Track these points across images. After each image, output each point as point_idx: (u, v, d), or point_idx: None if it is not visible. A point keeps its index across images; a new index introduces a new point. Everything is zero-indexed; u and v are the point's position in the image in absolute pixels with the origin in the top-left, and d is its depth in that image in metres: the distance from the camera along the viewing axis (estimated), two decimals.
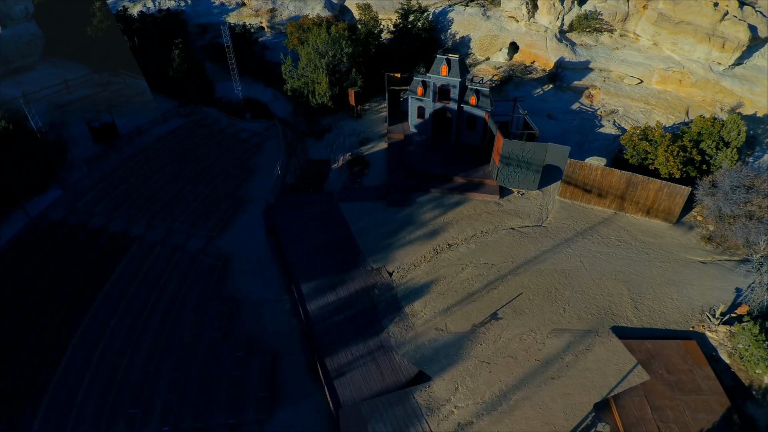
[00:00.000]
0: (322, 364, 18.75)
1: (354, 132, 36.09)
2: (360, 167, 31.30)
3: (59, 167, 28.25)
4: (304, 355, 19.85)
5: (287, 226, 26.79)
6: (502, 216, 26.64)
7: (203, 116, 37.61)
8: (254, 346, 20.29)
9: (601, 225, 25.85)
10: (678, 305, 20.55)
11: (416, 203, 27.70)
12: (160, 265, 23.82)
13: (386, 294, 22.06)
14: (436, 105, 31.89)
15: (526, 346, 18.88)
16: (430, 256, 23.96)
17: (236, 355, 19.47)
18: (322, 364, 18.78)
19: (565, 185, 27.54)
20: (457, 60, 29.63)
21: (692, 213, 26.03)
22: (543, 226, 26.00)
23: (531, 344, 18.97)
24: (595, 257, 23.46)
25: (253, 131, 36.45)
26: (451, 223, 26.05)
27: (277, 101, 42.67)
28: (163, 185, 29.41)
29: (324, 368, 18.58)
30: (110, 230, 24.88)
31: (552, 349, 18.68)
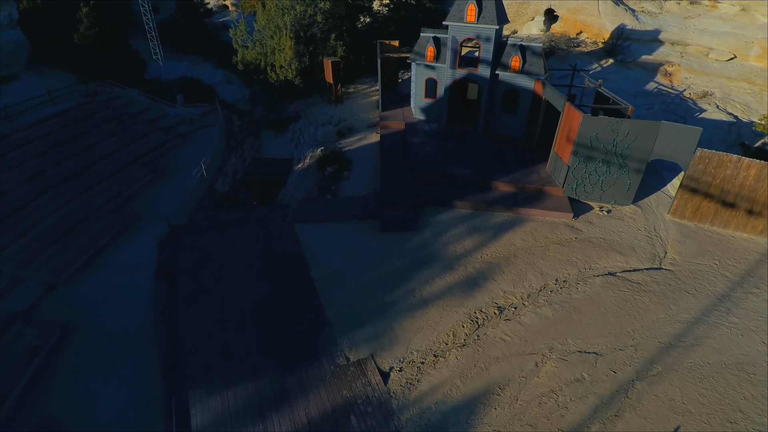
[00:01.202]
0: None
1: (331, 120, 24.54)
2: (337, 167, 19.53)
3: None
4: None
5: (196, 266, 14.63)
6: (586, 250, 14.80)
7: (112, 97, 25.82)
8: None
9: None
10: None
11: (431, 226, 15.81)
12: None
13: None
14: (457, 73, 20.54)
15: None
16: (464, 335, 11.87)
17: None
18: None
19: (685, 196, 15.96)
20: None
21: None
22: (665, 270, 14.17)
23: None
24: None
25: (181, 118, 24.68)
26: (497, 265, 14.12)
27: (230, 84, 31.17)
28: (6, 192, 17.25)
29: None
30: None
31: None
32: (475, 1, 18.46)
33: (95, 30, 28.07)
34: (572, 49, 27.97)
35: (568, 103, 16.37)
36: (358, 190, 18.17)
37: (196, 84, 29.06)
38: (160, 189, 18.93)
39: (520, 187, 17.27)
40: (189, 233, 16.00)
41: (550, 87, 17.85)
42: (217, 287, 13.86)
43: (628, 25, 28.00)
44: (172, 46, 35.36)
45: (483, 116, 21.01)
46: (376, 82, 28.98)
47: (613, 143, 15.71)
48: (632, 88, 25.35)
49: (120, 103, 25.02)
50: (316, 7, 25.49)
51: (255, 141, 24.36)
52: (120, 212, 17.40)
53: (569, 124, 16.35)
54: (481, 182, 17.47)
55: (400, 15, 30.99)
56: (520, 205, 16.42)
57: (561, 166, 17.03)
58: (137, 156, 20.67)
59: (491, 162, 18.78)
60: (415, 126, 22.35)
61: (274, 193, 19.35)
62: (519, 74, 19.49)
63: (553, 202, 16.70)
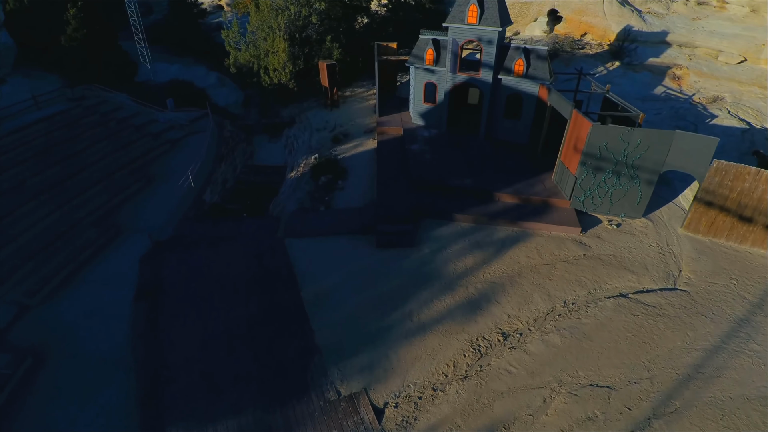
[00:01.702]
0: None
1: (326, 125, 23.61)
2: (331, 176, 18.61)
3: None
4: None
5: (179, 285, 13.72)
6: (595, 268, 13.89)
7: (101, 101, 24.90)
8: None
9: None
10: None
11: (429, 241, 14.89)
12: None
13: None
14: (457, 77, 19.62)
15: None
16: (465, 366, 10.96)
17: None
18: None
19: (700, 209, 15.05)
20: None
21: None
22: (680, 290, 13.26)
23: None
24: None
25: (171, 123, 23.74)
26: (501, 285, 13.20)
27: (223, 87, 30.26)
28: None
29: None
30: None
31: None
32: (476, 2, 17.54)
33: (83, 31, 27.14)
34: (576, 51, 27.05)
35: (576, 111, 15.45)
36: (354, 200, 17.25)
37: (188, 87, 28.14)
38: (146, 199, 18.00)
39: (524, 199, 16.35)
40: (173, 248, 15.08)
41: (556, 93, 16.92)
42: (200, 309, 12.95)
43: (635, 27, 27.08)
44: (165, 47, 34.49)
45: (484, 122, 20.09)
46: (373, 85, 28.06)
47: (624, 153, 14.79)
48: (639, 92, 24.42)
49: (108, 108, 24.09)
50: (311, 7, 24.55)
51: (247, 147, 23.43)
52: (102, 225, 16.48)
53: (577, 132, 15.43)
54: (483, 193, 16.55)
55: (399, 16, 30.08)
56: (524, 219, 15.50)
57: (568, 177, 16.11)
58: (124, 163, 19.75)
59: (493, 171, 17.85)
60: (413, 132, 21.43)
61: (266, 204, 18.43)
62: (523, 79, 18.57)
63: (560, 215, 15.78)
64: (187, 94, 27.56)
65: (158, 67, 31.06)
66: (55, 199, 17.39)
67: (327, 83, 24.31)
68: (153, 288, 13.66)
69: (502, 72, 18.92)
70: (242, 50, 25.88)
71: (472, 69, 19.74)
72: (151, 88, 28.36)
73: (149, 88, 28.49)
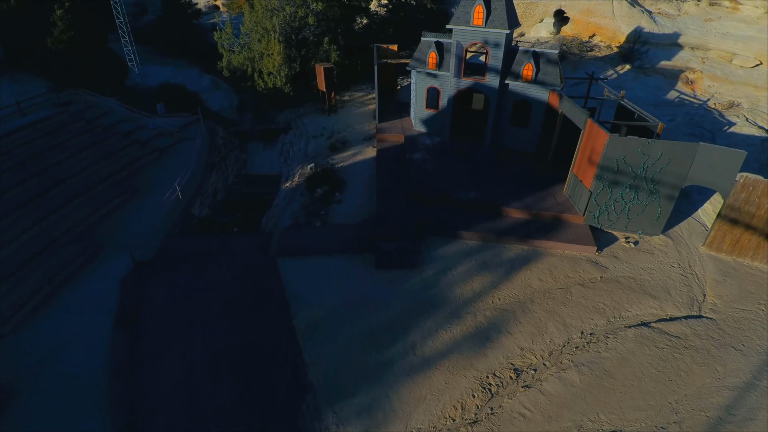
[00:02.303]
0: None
1: (323, 132, 22.52)
2: (328, 187, 17.53)
3: None
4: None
5: (161, 311, 12.65)
6: (614, 293, 12.82)
7: (88, 106, 23.82)
8: None
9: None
10: None
11: (433, 261, 13.82)
12: None
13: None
14: (461, 83, 18.54)
15: None
16: (475, 408, 9.89)
17: None
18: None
19: (724, 227, 13.98)
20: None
21: None
22: (705, 318, 12.20)
23: None
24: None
25: (160, 130, 22.63)
26: (512, 312, 12.13)
27: (217, 91, 29.16)
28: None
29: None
30: None
31: None
32: (482, 2, 16.45)
33: (70, 33, 26.02)
34: (585, 54, 25.97)
35: (591, 121, 14.37)
36: (351, 215, 16.17)
37: (180, 91, 27.03)
38: (131, 213, 16.90)
39: (534, 214, 15.28)
40: (156, 269, 14.00)
41: (568, 100, 15.84)
42: (183, 339, 11.88)
43: (645, 28, 25.99)
44: (157, 49, 33.39)
45: (490, 130, 19.01)
46: (372, 89, 26.98)
47: (644, 167, 13.73)
48: (652, 97, 23.35)
49: (94, 114, 23.00)
50: (308, 8, 23.45)
51: (240, 155, 22.34)
52: (82, 242, 15.40)
53: (592, 144, 14.36)
54: (490, 207, 15.48)
55: (399, 16, 28.98)
56: (535, 237, 14.43)
57: (582, 191, 15.04)
58: (109, 174, 18.65)
59: (500, 182, 16.78)
60: (415, 139, 20.36)
61: (258, 217, 17.36)
62: (531, 84, 17.49)
63: (573, 232, 14.71)
64: (178, 98, 26.46)
65: (150, 70, 29.98)
66: (34, 213, 16.31)
67: (324, 87, 23.22)
68: (133, 315, 12.58)
69: (510, 77, 17.84)
70: (236, 53, 24.79)
71: (478, 74, 18.66)
72: (141, 92, 27.26)
73: (139, 92, 27.39)
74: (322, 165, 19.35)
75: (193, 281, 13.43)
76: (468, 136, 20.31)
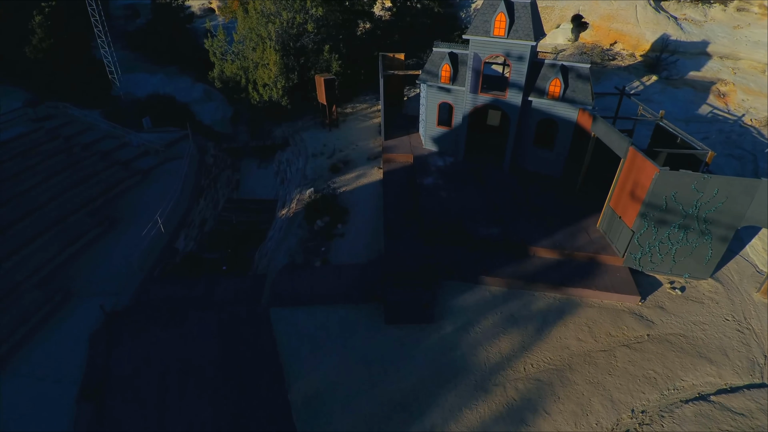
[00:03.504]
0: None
1: (324, 149, 20.56)
2: (329, 218, 15.58)
3: None
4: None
5: (133, 378, 10.71)
6: (665, 356, 10.88)
7: (67, 122, 21.86)
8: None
9: None
10: None
11: (452, 314, 11.87)
12: None
13: None
14: (478, 99, 16.59)
15: None
16: None
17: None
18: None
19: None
20: (527, 4, 14.47)
21: None
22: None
23: None
24: None
25: (145, 147, 20.65)
26: (548, 384, 10.19)
27: (209, 102, 27.18)
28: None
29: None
30: None
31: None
32: (505, 10, 14.47)
33: (50, 42, 24.05)
34: (607, 63, 24.02)
35: (634, 150, 12.42)
36: (356, 253, 14.22)
37: (169, 102, 25.03)
38: (105, 250, 14.93)
39: (566, 255, 13.34)
40: (130, 323, 12.06)
41: (605, 123, 13.87)
42: (157, 415, 9.94)
43: (672, 36, 24.04)
44: (147, 56, 31.39)
45: (510, 151, 17.06)
46: (377, 100, 25.06)
47: (696, 205, 11.80)
48: (682, 111, 21.40)
49: (73, 130, 21.05)
50: (307, 13, 21.48)
51: (233, 176, 20.39)
52: (49, 286, 13.44)
53: (635, 176, 12.41)
54: (515, 247, 13.53)
55: (405, 21, 27.01)
56: (569, 282, 12.49)
57: (621, 229, 13.09)
58: (84, 201, 16.69)
59: (525, 214, 14.84)
60: (425, 160, 18.41)
61: (250, 253, 15.40)
62: (559, 102, 15.54)
63: (612, 277, 12.77)
64: (167, 110, 24.47)
65: (138, 79, 27.99)
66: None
67: (325, 100, 21.26)
68: (101, 382, 10.64)
69: (533, 93, 15.89)
70: (228, 61, 22.82)
71: (497, 89, 16.73)
72: (127, 103, 25.26)
73: (125, 104, 25.35)
74: (322, 190, 17.41)
75: (172, 340, 11.48)
76: (483, 156, 18.36)
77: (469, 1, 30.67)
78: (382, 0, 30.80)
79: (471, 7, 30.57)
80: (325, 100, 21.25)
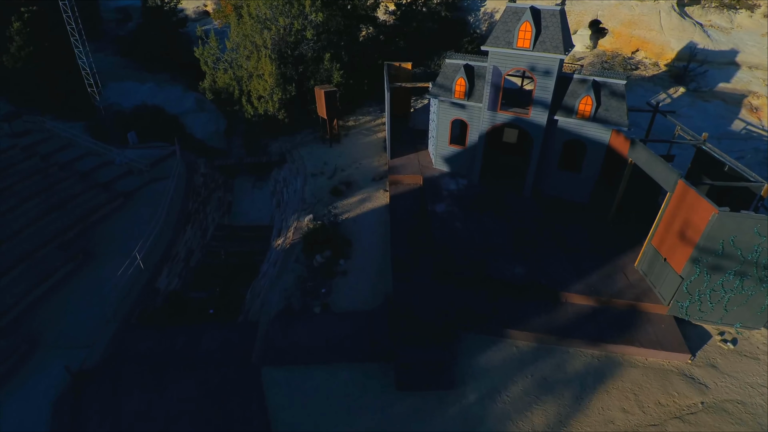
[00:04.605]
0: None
1: (324, 168, 18.87)
2: (330, 252, 13.88)
3: None
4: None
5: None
6: (721, 429, 9.19)
7: (45, 138, 20.15)
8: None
9: None
10: None
11: (474, 377, 10.17)
12: None
13: None
14: (497, 117, 14.89)
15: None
16: None
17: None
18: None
19: None
20: (557, 12, 12.78)
21: None
22: None
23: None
24: None
25: (129, 166, 18.94)
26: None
27: (202, 113, 25.48)
28: None
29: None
30: None
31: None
32: (531, 19, 12.76)
33: (29, 49, 22.32)
34: (629, 73, 22.32)
35: (685, 184, 10.72)
36: (361, 296, 12.52)
37: (158, 114, 23.31)
38: (77, 291, 13.18)
39: (603, 301, 11.64)
40: (100, 386, 10.35)
41: (646, 149, 12.17)
42: None
43: (700, 44, 22.34)
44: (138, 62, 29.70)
45: (532, 175, 15.35)
46: (381, 111, 23.35)
47: (757, 250, 10.10)
48: (713, 127, 19.68)
49: (51, 147, 19.35)
50: (306, 19, 19.76)
51: (224, 197, 18.70)
52: (10, 337, 11.72)
53: (686, 215, 10.71)
54: (544, 291, 11.83)
55: (411, 26, 25.32)
56: (608, 337, 10.79)
57: (666, 273, 11.39)
58: (57, 231, 14.97)
59: (551, 250, 13.13)
60: (436, 182, 16.72)
61: (241, 290, 13.69)
62: (589, 122, 13.83)
63: (657, 329, 11.07)
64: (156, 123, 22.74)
65: (126, 88, 26.27)
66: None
67: (325, 114, 19.55)
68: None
69: (560, 111, 14.19)
70: (220, 71, 21.11)
71: (517, 105, 15.03)
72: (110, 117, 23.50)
73: (107, 119, 23.51)
74: (322, 216, 15.71)
75: (146, 409, 9.77)
76: (500, 179, 16.67)
77: (478, 4, 28.95)
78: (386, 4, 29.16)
79: (480, 10, 28.87)
80: (326, 113, 19.54)
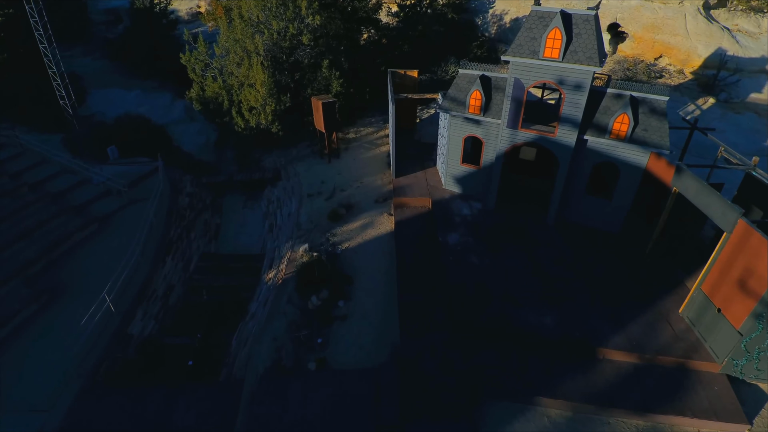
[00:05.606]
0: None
1: (322, 187, 17.14)
2: (327, 291, 12.15)
3: None
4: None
5: None
6: None
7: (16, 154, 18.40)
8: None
9: None
10: None
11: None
12: None
13: None
14: (518, 135, 13.15)
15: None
16: None
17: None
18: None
19: None
20: (591, 17, 11.07)
21: None
22: None
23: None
24: None
25: (107, 185, 17.19)
26: None
27: (191, 122, 23.78)
28: None
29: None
30: None
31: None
32: (561, 25, 11.03)
33: (4, 56, 20.57)
34: (653, 82, 20.59)
35: (747, 224, 8.99)
36: (363, 348, 10.79)
37: (142, 125, 21.52)
38: (37, 341, 11.44)
39: (647, 359, 9.91)
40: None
41: (695, 178, 10.43)
42: None
43: (729, 50, 20.60)
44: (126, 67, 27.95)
45: (557, 203, 13.62)
46: (384, 122, 21.62)
47: None
48: (748, 143, 17.93)
49: (23, 164, 17.60)
50: (302, 23, 18.02)
51: (211, 220, 16.95)
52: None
53: (748, 260, 8.98)
54: (578, 346, 10.11)
55: (416, 30, 23.59)
56: (655, 404, 9.06)
57: (720, 327, 9.66)
58: (22, 265, 13.22)
59: (583, 291, 11.40)
60: (447, 206, 14.99)
61: (227, 336, 11.96)
62: (623, 143, 12.11)
63: (710, 392, 9.35)
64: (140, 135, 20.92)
65: (111, 96, 24.56)
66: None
67: (323, 127, 17.82)
68: None
69: (590, 130, 12.47)
70: (209, 79, 19.38)
71: (540, 121, 13.31)
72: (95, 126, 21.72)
73: (80, 135, 21.58)
74: (319, 246, 13.98)
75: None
76: (518, 201, 14.95)
77: (487, 6, 27.22)
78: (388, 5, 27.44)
79: (489, 12, 27.15)
80: (324, 127, 17.81)
